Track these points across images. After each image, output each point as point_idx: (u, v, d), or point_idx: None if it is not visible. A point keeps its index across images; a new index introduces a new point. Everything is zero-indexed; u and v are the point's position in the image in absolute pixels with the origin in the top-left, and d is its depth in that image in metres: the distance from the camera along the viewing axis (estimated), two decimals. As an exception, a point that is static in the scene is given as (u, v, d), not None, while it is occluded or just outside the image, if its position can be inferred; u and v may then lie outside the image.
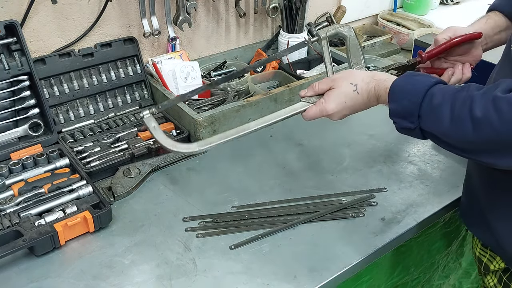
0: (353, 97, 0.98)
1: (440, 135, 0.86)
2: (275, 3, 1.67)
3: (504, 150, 0.79)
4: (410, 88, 0.89)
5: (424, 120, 0.87)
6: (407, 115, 0.88)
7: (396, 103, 0.90)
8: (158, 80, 1.49)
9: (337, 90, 0.99)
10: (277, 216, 1.14)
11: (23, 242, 0.99)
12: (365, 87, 0.97)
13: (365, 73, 0.99)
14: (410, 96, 0.88)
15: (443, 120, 0.83)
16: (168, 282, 0.97)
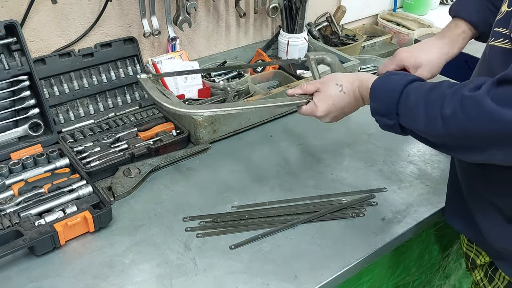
0: (340, 97, 1.02)
1: (417, 132, 0.89)
2: (275, 3, 1.67)
3: (475, 146, 0.80)
4: (387, 88, 0.93)
5: (402, 118, 0.90)
6: (386, 113, 0.92)
7: (376, 102, 0.94)
8: (158, 80, 1.49)
9: (324, 92, 1.04)
10: (277, 216, 1.14)
11: (23, 242, 0.99)
12: (350, 87, 1.01)
13: (349, 75, 1.03)
14: (388, 94, 0.92)
15: (418, 119, 0.86)
16: (168, 281, 0.97)
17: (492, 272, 1.07)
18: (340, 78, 1.03)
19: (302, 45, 1.73)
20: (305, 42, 1.73)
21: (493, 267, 1.06)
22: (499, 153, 0.79)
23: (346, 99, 1.02)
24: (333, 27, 1.91)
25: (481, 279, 1.11)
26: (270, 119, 1.49)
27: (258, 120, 1.46)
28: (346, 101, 1.02)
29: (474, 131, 0.78)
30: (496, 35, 0.89)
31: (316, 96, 1.05)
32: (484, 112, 0.75)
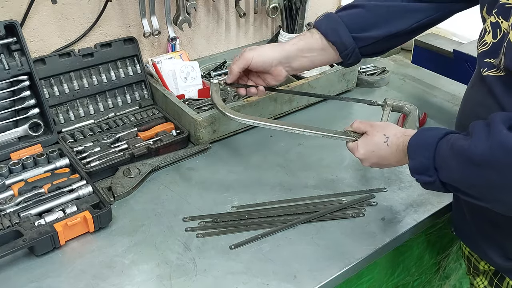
0: (382, 148, 1.01)
1: (456, 183, 0.87)
2: (275, 3, 1.67)
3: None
4: (422, 143, 0.91)
5: (440, 172, 0.88)
6: (424, 170, 0.90)
7: (413, 160, 0.92)
8: (158, 80, 1.49)
9: (369, 138, 1.04)
10: (277, 216, 1.14)
11: (23, 242, 0.99)
12: (395, 141, 0.99)
13: (399, 129, 1.02)
14: (423, 150, 0.90)
15: (452, 169, 0.85)
16: (168, 282, 0.97)
17: (498, 280, 1.05)
18: (389, 129, 1.02)
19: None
20: (305, 42, 1.73)
21: (498, 275, 1.05)
22: None
23: (388, 151, 1.00)
24: (333, 27, 1.90)
25: (485, 287, 1.09)
26: (270, 118, 1.49)
27: (258, 120, 1.46)
28: (387, 153, 1.01)
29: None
30: (488, 66, 0.90)
31: (362, 138, 1.06)
32: None
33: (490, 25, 0.89)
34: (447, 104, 1.56)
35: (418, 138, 0.94)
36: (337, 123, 1.49)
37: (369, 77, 1.70)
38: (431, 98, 1.35)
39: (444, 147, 0.87)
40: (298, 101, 1.53)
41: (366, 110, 1.29)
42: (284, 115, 1.52)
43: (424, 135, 0.93)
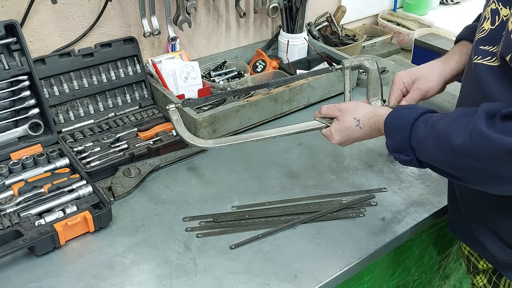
0: (356, 130, 1.04)
1: (434, 163, 0.91)
2: (275, 3, 1.67)
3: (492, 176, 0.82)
4: (399, 123, 0.94)
5: (417, 152, 0.92)
6: (401, 149, 0.94)
7: (391, 139, 0.96)
8: (158, 80, 1.49)
9: (341, 123, 1.06)
10: (277, 216, 1.14)
11: (23, 242, 0.98)
12: (367, 122, 1.03)
13: (368, 109, 1.04)
14: (400, 130, 0.93)
15: (430, 151, 0.88)
16: (168, 281, 0.97)
17: (496, 278, 1.06)
18: (359, 111, 1.04)
19: (302, 45, 1.73)
20: (305, 42, 1.73)
21: (497, 274, 1.05)
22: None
23: (362, 132, 1.04)
24: (333, 27, 1.91)
25: (484, 286, 1.10)
26: (270, 118, 1.49)
27: (258, 120, 1.46)
28: (361, 134, 1.04)
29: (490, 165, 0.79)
30: (482, 53, 0.90)
31: (333, 124, 1.08)
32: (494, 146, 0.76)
33: (490, 12, 0.89)
34: (447, 104, 1.56)
35: (394, 117, 0.97)
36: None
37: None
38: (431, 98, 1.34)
39: (421, 128, 0.90)
40: (298, 101, 1.53)
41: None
42: (284, 115, 1.52)
43: (400, 113, 0.96)
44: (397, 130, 0.94)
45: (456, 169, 0.87)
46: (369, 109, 1.04)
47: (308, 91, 1.53)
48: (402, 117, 0.94)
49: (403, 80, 1.18)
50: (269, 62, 1.67)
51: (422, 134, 0.89)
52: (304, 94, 1.53)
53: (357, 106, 1.07)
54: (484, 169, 0.81)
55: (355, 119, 1.04)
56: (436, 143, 0.87)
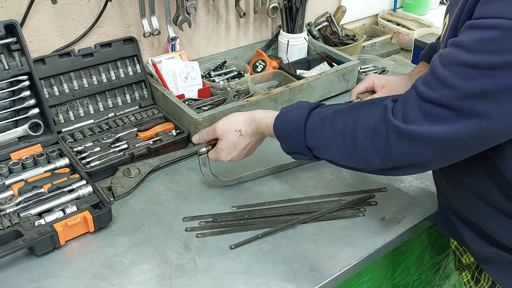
0: (240, 141, 1.08)
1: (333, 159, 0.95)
2: (275, 3, 1.67)
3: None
4: (289, 128, 0.98)
5: (315, 151, 0.97)
6: (299, 151, 0.99)
7: (284, 143, 1.01)
8: (158, 80, 1.49)
9: (224, 141, 1.09)
10: (277, 216, 1.14)
11: (23, 242, 0.98)
12: (248, 129, 1.07)
13: (245, 116, 1.08)
14: (292, 134, 0.97)
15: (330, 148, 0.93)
16: (168, 281, 0.97)
17: (478, 274, 1.08)
18: (237, 122, 1.08)
19: (302, 45, 1.73)
20: (305, 42, 1.73)
21: (479, 269, 1.07)
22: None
23: (247, 140, 1.08)
24: (333, 27, 1.91)
25: (468, 281, 1.12)
26: (270, 119, 1.49)
27: (258, 120, 1.46)
28: (247, 142, 1.09)
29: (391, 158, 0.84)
30: None
31: (218, 144, 1.10)
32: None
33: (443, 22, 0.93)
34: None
35: (283, 121, 1.01)
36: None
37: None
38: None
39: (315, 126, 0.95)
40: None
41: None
42: (284, 115, 1.52)
43: (288, 117, 1.00)
44: (289, 135, 0.98)
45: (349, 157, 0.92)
46: (246, 115, 1.08)
47: (308, 91, 1.53)
48: (290, 121, 0.98)
49: (374, 81, 1.22)
50: (269, 62, 1.67)
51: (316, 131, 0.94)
52: (304, 94, 1.52)
53: (233, 117, 1.10)
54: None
55: (236, 130, 1.07)
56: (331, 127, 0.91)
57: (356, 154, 0.88)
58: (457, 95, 0.73)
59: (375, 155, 0.84)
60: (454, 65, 0.73)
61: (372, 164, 0.86)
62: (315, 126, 0.95)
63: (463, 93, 0.72)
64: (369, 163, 0.87)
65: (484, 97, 0.71)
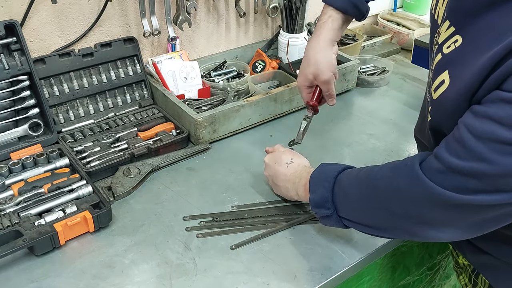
0: (282, 166, 1.11)
1: (357, 220, 0.92)
2: (275, 3, 1.67)
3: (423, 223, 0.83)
4: (322, 177, 0.97)
5: (339, 206, 0.93)
6: (323, 203, 0.95)
7: (314, 193, 0.98)
8: (158, 80, 1.49)
9: (277, 154, 1.15)
10: (277, 216, 1.14)
11: (23, 242, 0.98)
12: (295, 166, 1.10)
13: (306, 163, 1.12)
14: (323, 183, 0.95)
15: (353, 202, 0.90)
16: (168, 281, 0.97)
17: (475, 276, 1.07)
18: (298, 158, 1.13)
19: (302, 45, 1.73)
20: (305, 42, 1.73)
21: (475, 272, 1.07)
22: None
23: (286, 172, 1.10)
24: (333, 27, 1.90)
25: (466, 284, 1.12)
26: (270, 118, 1.49)
27: (258, 120, 1.46)
28: (284, 172, 1.10)
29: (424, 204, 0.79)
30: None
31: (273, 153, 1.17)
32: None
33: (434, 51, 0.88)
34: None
35: (318, 172, 1.00)
36: (338, 122, 1.50)
37: (369, 77, 1.70)
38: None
39: (344, 178, 0.93)
40: (298, 101, 1.53)
41: (369, 104, 1.29)
42: (284, 115, 1.52)
43: (324, 168, 1.00)
44: (320, 183, 0.96)
45: (379, 219, 0.88)
46: (306, 164, 1.11)
47: (308, 91, 1.53)
48: (325, 171, 0.98)
49: (306, 85, 1.20)
50: (269, 62, 1.67)
51: (345, 185, 0.92)
52: (304, 94, 1.52)
53: (302, 158, 1.14)
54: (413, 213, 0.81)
55: (291, 159, 1.12)
56: (360, 188, 0.89)
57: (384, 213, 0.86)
58: (495, 171, 0.70)
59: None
60: (491, 141, 0.69)
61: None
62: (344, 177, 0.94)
63: (503, 170, 0.70)
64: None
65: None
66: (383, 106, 1.58)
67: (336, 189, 0.93)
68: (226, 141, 1.41)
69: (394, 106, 1.59)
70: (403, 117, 1.53)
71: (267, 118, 1.48)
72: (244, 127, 1.44)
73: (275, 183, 1.14)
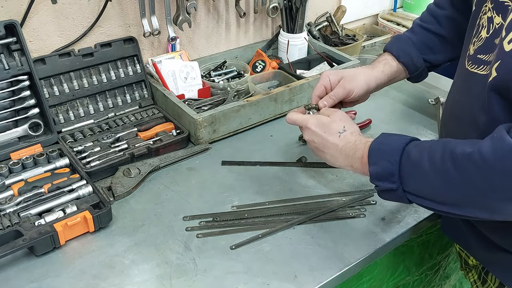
0: (333, 135, 0.99)
1: (425, 195, 0.85)
2: (275, 3, 1.67)
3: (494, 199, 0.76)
4: (386, 149, 0.89)
5: (406, 179, 0.86)
6: (387, 176, 0.88)
7: (375, 165, 0.90)
8: (158, 80, 1.49)
9: (329, 119, 1.01)
10: (277, 216, 1.14)
11: (23, 242, 0.98)
12: (348, 136, 0.98)
13: (358, 130, 1.01)
14: (388, 156, 0.88)
15: (425, 175, 0.83)
16: (168, 281, 0.97)
17: (484, 274, 1.07)
18: (351, 125, 1.00)
19: (302, 45, 1.73)
20: (305, 42, 1.73)
21: (485, 270, 1.07)
22: None
23: (335, 140, 0.98)
24: (333, 27, 1.91)
25: (475, 281, 1.12)
26: (270, 118, 1.49)
27: (258, 120, 1.46)
28: (333, 142, 0.99)
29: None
30: (478, 62, 0.88)
31: (319, 116, 1.03)
32: None
33: (487, 20, 0.88)
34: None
35: (380, 143, 0.92)
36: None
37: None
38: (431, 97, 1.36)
39: (414, 151, 0.85)
40: (298, 101, 1.53)
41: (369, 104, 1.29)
42: (284, 115, 1.52)
43: (387, 139, 0.92)
44: (384, 155, 0.89)
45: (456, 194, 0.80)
46: (359, 131, 1.01)
47: (308, 91, 1.53)
48: (389, 143, 0.90)
49: (329, 78, 1.14)
50: (269, 62, 1.67)
51: (415, 158, 0.84)
52: (304, 94, 1.52)
53: (354, 124, 1.03)
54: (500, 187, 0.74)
55: (344, 127, 0.99)
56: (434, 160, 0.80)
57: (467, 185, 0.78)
58: None
59: None
60: None
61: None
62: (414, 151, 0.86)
63: None
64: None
65: None
66: (383, 106, 1.58)
67: (404, 162, 0.85)
68: (226, 141, 1.41)
69: (394, 106, 1.59)
70: (403, 117, 1.53)
71: (267, 118, 1.48)
72: (244, 127, 1.44)
73: (321, 150, 1.02)
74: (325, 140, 1.00)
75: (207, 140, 1.37)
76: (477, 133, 0.85)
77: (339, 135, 0.98)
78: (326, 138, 0.99)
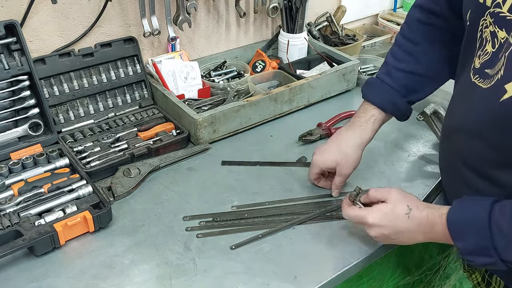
0: (402, 220, 0.92)
1: None
2: (275, 3, 1.67)
3: None
4: (469, 220, 0.83)
5: (502, 250, 0.80)
6: (481, 251, 0.82)
7: (463, 241, 0.84)
8: (158, 80, 1.49)
9: (389, 206, 0.95)
10: (277, 216, 1.13)
11: (23, 242, 0.98)
12: (418, 214, 0.91)
13: (420, 201, 0.95)
14: (474, 229, 0.82)
15: None
16: (168, 282, 0.97)
17: (488, 276, 1.07)
18: (412, 201, 0.93)
19: (302, 45, 1.73)
20: (305, 42, 1.73)
21: (489, 272, 1.06)
22: None
23: (407, 224, 0.92)
24: (333, 27, 1.91)
25: (478, 283, 1.11)
26: (270, 118, 1.49)
27: (258, 120, 1.46)
28: (405, 226, 0.92)
29: None
30: (485, 76, 0.86)
31: (379, 206, 0.96)
32: None
33: (490, 34, 0.86)
34: (447, 104, 1.56)
35: (460, 213, 0.85)
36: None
37: (369, 77, 1.69)
38: (431, 98, 1.35)
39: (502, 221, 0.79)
40: (298, 101, 1.53)
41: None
42: (284, 115, 1.52)
43: (466, 209, 0.85)
44: (470, 230, 0.82)
45: None
46: (421, 202, 0.94)
47: (308, 91, 1.53)
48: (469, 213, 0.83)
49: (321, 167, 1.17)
50: (269, 62, 1.67)
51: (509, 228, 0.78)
52: (304, 94, 1.53)
53: (410, 195, 0.96)
54: None
55: (408, 207, 0.92)
56: None
57: None
58: None
59: None
60: None
61: None
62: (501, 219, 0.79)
63: None
64: None
65: None
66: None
67: (495, 232, 0.79)
68: (226, 141, 1.41)
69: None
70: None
71: (267, 118, 1.48)
72: (244, 127, 1.44)
73: (393, 239, 0.96)
74: (395, 229, 0.94)
75: (207, 140, 1.37)
76: (484, 145, 0.86)
77: (408, 217, 0.92)
78: (395, 226, 0.94)
